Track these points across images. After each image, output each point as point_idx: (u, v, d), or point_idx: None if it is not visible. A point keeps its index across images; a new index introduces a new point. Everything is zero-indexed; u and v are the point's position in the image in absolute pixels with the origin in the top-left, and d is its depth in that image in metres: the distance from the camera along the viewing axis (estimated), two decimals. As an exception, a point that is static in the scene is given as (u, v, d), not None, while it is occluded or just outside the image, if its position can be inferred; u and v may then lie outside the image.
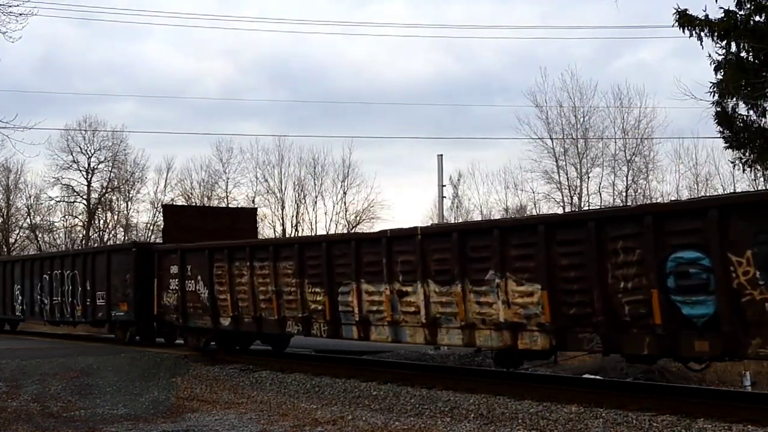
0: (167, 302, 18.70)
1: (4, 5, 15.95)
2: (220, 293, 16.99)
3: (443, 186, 29.56)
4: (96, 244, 46.87)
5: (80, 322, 23.09)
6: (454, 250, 12.13)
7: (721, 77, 19.02)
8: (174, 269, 18.46)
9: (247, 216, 24.62)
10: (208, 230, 20.29)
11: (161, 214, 22.31)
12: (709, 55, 19.08)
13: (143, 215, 55.93)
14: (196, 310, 17.72)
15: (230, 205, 49.59)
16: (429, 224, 26.19)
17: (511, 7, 76.20)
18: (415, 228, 13.01)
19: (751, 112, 19.47)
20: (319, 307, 14.50)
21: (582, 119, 40.73)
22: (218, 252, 17.13)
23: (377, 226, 44.52)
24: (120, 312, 20.39)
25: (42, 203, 52.54)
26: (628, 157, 40.05)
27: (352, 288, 13.78)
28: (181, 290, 18.08)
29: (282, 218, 49.48)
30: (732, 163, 20.82)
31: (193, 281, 17.80)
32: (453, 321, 12.22)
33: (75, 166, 50.79)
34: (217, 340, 18.27)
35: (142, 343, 20.65)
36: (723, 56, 18.90)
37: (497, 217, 40.30)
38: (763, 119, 19.43)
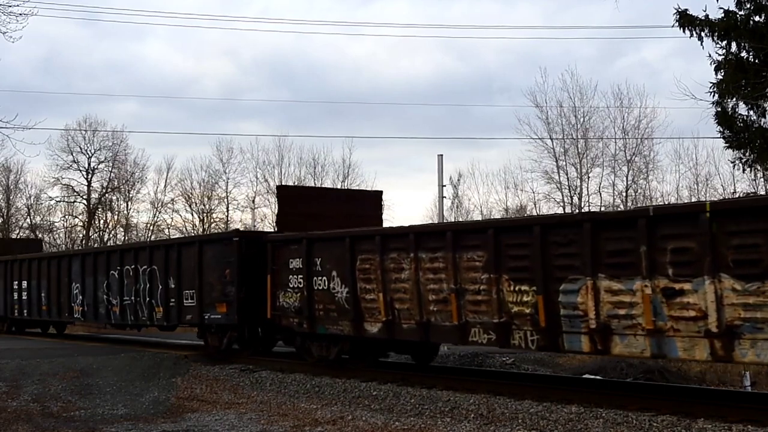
0: (285, 303, 15.54)
1: (4, 5, 15.98)
2: (366, 292, 13.91)
3: (443, 186, 29.57)
4: (96, 245, 46.90)
5: (161, 326, 19.98)
6: None
7: (721, 77, 19.05)
8: (296, 263, 15.26)
9: (373, 200, 20.07)
10: (327, 216, 17.08)
11: (275, 196, 17.27)
12: (710, 55, 19.13)
13: (143, 215, 55.99)
14: (329, 313, 14.56)
15: (230, 205, 49.60)
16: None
17: (513, 7, 76.24)
18: (701, 204, 10.06)
19: (751, 112, 19.50)
20: (526, 311, 11.50)
21: (582, 119, 40.79)
22: (365, 241, 13.95)
23: (377, 226, 44.31)
24: (216, 314, 17.04)
25: (42, 203, 52.61)
26: (628, 157, 40.10)
27: (584, 285, 10.76)
28: (306, 289, 14.92)
29: (282, 218, 49.37)
30: (732, 163, 20.85)
31: (324, 278, 14.63)
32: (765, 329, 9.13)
33: (75, 166, 50.84)
34: (354, 350, 15.12)
35: (244, 351, 17.62)
36: (723, 56, 18.93)
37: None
38: (763, 119, 19.45)
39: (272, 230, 22.66)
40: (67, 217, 51.93)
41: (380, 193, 20.37)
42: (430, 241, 12.87)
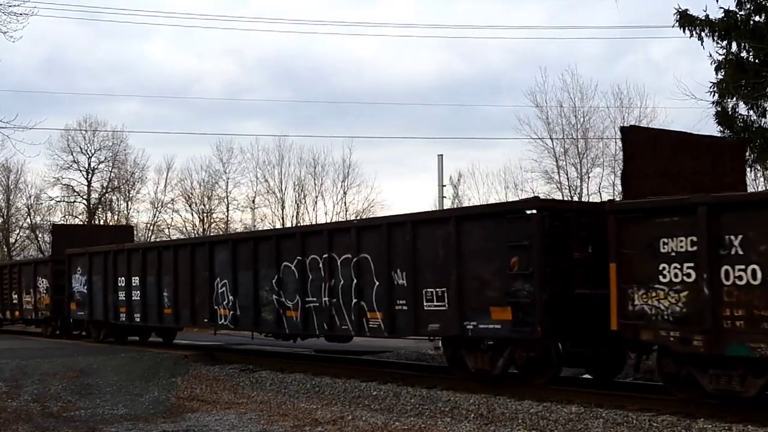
0: (652, 307, 10.28)
1: (4, 5, 15.99)
2: None
3: (443, 186, 29.57)
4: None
5: (378, 336, 14.23)
6: None
7: (721, 77, 19.04)
8: (677, 244, 10.01)
9: (733, 153, 13.98)
10: (684, 174, 11.97)
11: (622, 143, 11.52)
12: (710, 55, 19.12)
13: (143, 215, 55.91)
14: (761, 323, 9.35)
15: (230, 205, 49.51)
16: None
17: (517, 7, 76.23)
18: None
19: (751, 112, 19.48)
20: None
21: (582, 119, 40.68)
22: None
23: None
24: (491, 323, 12.01)
25: (42, 203, 52.66)
26: (629, 157, 40.00)
27: None
28: (704, 283, 9.69)
29: (282, 218, 49.50)
30: (732, 163, 20.80)
31: (753, 267, 9.37)
32: None
33: (75, 166, 50.92)
34: None
35: (539, 377, 12.41)
36: (723, 56, 18.93)
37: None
38: (763, 119, 19.44)
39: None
40: (67, 217, 51.95)
41: (745, 142, 14.99)
42: None
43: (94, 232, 29.37)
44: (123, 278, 20.50)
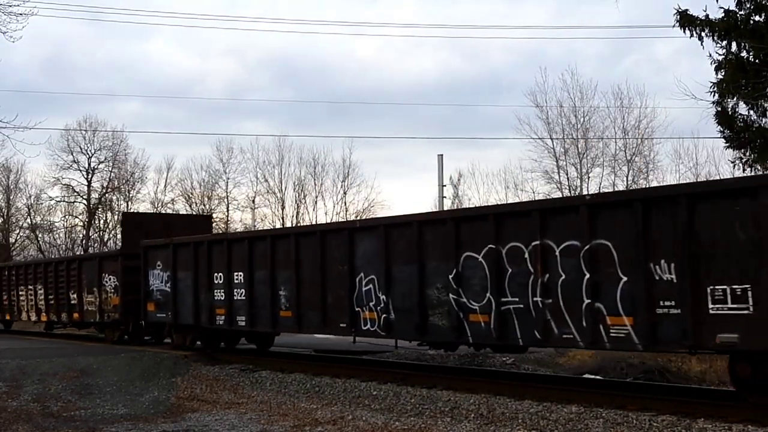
0: None
1: (4, 5, 15.98)
2: None
3: (443, 186, 29.59)
4: (96, 245, 46.90)
5: (619, 348, 11.11)
6: None
7: (721, 77, 19.07)
8: None
9: None
10: None
11: None
12: (710, 55, 19.15)
13: (143, 215, 55.90)
14: None
15: (230, 205, 49.45)
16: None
17: (520, 7, 76.21)
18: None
19: (751, 112, 19.52)
20: None
21: (582, 119, 40.65)
22: None
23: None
24: None
25: (42, 203, 52.61)
26: (628, 157, 40.03)
27: None
28: None
29: (282, 218, 49.51)
30: (732, 163, 20.86)
31: None
32: None
33: (75, 166, 50.93)
34: None
35: None
36: (723, 56, 18.95)
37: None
38: (763, 119, 19.47)
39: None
40: (67, 217, 52.02)
41: None
42: None
43: (170, 222, 24.53)
44: (221, 274, 17.08)
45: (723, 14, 18.53)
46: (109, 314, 21.62)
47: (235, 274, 16.73)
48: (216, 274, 17.26)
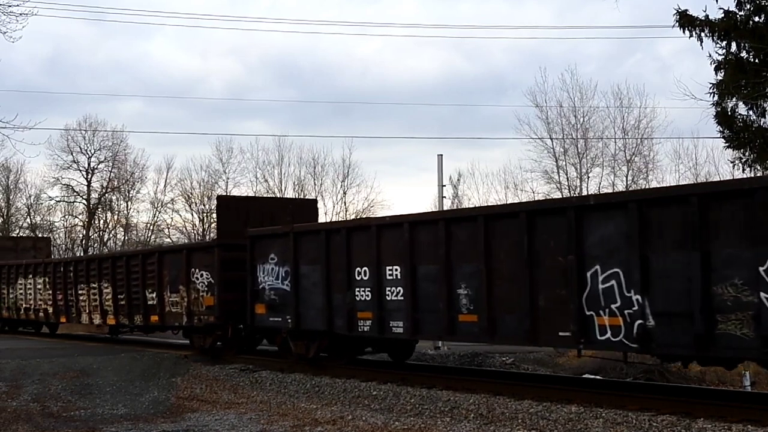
0: None
1: (4, 5, 15.97)
2: None
3: (443, 186, 29.56)
4: (96, 245, 46.87)
5: None
6: None
7: (721, 77, 19.08)
8: None
9: None
10: None
11: None
12: (710, 55, 19.17)
13: (143, 215, 56.00)
14: None
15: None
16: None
17: (522, 6, 76.23)
18: None
19: (751, 112, 19.52)
20: None
21: (582, 119, 40.64)
22: None
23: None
24: None
25: (42, 203, 52.56)
26: (628, 157, 40.02)
27: None
28: None
29: (282, 218, 49.40)
30: (732, 163, 20.88)
31: None
32: None
33: (75, 166, 50.86)
34: None
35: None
36: (723, 56, 18.97)
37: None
38: (763, 119, 19.48)
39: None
40: (67, 217, 51.96)
41: None
42: None
43: (273, 207, 20.60)
44: (366, 269, 14.00)
45: (723, 15, 18.55)
46: (201, 317, 17.88)
47: (388, 268, 13.61)
48: (358, 269, 14.10)
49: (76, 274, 22.94)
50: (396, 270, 13.49)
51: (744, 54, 18.79)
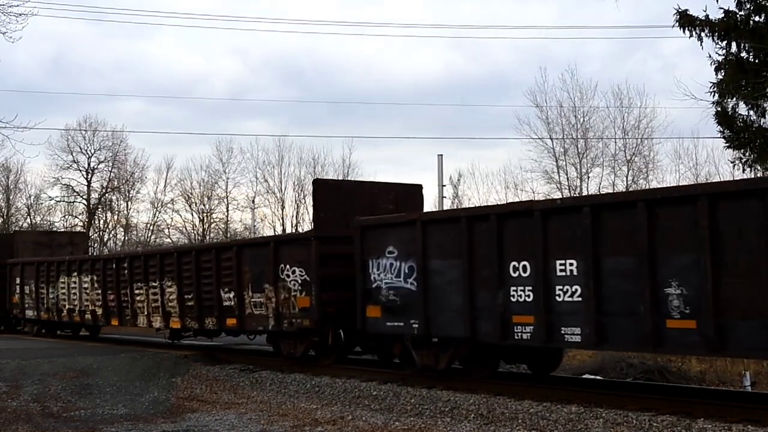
0: None
1: (4, 5, 15.98)
2: None
3: (443, 186, 29.59)
4: (96, 245, 46.87)
5: None
6: None
7: (721, 77, 19.08)
8: None
9: None
10: None
11: None
12: (709, 56, 19.17)
13: (143, 215, 55.99)
14: None
15: (230, 205, 49.24)
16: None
17: (524, 6, 76.21)
18: None
19: (751, 112, 19.53)
20: None
21: (582, 119, 40.65)
22: None
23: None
24: None
25: (42, 203, 52.58)
26: (628, 157, 40.05)
27: None
28: None
29: (282, 218, 49.52)
30: (732, 163, 20.89)
31: None
32: None
33: (75, 166, 50.93)
34: None
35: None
36: (723, 56, 18.97)
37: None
38: (763, 119, 19.48)
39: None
40: (67, 217, 51.97)
41: None
42: None
43: (377, 193, 17.06)
44: (525, 263, 11.68)
45: (723, 14, 18.54)
46: (293, 320, 15.44)
47: (558, 263, 11.22)
48: (514, 263, 11.79)
49: (132, 272, 20.24)
50: (571, 264, 11.10)
51: (744, 54, 18.79)
